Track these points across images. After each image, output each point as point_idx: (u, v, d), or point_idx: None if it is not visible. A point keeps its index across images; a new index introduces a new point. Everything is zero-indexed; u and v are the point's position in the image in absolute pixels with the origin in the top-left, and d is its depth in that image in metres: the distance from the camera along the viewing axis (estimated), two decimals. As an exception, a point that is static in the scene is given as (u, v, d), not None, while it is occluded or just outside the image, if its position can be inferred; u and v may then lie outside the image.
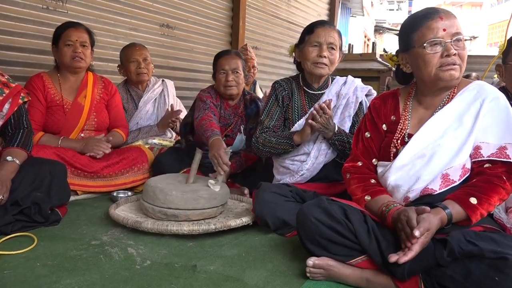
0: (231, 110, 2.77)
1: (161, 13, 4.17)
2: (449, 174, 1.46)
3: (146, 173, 2.68)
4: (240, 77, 2.68)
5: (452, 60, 1.44)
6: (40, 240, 1.75)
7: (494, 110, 1.46)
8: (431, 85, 1.53)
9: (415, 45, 1.50)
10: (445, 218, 1.33)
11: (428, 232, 1.28)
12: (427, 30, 1.47)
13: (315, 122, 2.04)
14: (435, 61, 1.46)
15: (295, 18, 6.37)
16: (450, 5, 35.67)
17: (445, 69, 1.45)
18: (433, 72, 1.48)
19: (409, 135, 1.55)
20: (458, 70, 1.47)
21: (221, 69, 2.67)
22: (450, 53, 1.44)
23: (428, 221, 1.28)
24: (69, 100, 2.57)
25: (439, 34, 1.45)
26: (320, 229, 1.45)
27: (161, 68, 4.15)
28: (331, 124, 2.07)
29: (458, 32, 1.45)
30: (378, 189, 1.55)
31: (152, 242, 1.82)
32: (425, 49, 1.46)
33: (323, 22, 2.24)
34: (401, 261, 1.26)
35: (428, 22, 1.47)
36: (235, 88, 2.68)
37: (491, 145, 1.43)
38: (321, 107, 2.03)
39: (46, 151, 2.30)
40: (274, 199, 1.95)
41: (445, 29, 1.45)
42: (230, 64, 2.66)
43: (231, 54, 2.72)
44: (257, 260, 1.67)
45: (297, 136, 2.13)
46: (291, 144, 2.14)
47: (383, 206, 1.45)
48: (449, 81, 1.48)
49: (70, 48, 2.50)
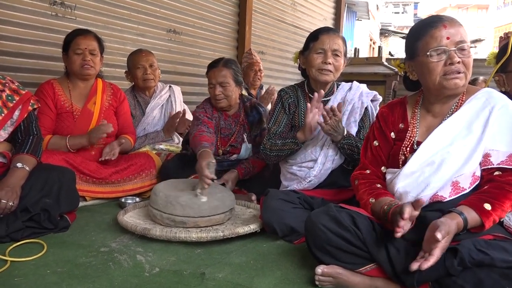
0: (231, 119, 2.75)
1: (168, 19, 4.20)
2: (459, 181, 1.45)
3: (154, 179, 2.69)
4: (229, 88, 2.61)
5: (456, 68, 1.44)
6: (49, 246, 1.76)
7: (503, 117, 1.45)
8: (437, 93, 1.53)
9: (420, 54, 1.51)
10: (461, 223, 1.32)
11: (448, 236, 1.26)
12: (431, 39, 1.47)
13: (324, 124, 2.04)
14: (439, 70, 1.46)
15: (301, 23, 6.39)
16: (456, 7, 35.57)
17: (449, 77, 1.45)
18: (437, 81, 1.48)
19: (418, 143, 1.55)
20: (463, 79, 1.46)
21: (209, 82, 2.65)
22: (453, 61, 1.43)
23: (448, 225, 1.27)
24: (78, 107, 2.60)
25: (443, 43, 1.45)
26: (329, 237, 1.45)
27: (168, 74, 4.17)
28: (340, 128, 2.08)
29: (462, 40, 1.45)
30: (382, 191, 1.56)
31: (161, 249, 1.82)
32: (428, 57, 1.47)
33: (327, 29, 2.25)
34: (423, 267, 1.23)
35: (432, 30, 1.48)
36: (224, 100, 2.64)
37: (500, 152, 1.43)
38: (332, 108, 2.03)
39: (55, 158, 2.32)
40: (282, 206, 1.95)
41: (449, 38, 1.45)
42: (217, 77, 2.60)
43: (218, 66, 2.62)
44: (266, 267, 1.67)
45: (300, 133, 2.13)
46: (296, 142, 2.14)
47: (384, 206, 1.45)
48: (454, 89, 1.48)
49: (79, 56, 2.52)
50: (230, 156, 2.73)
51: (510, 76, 1.85)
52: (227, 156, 2.73)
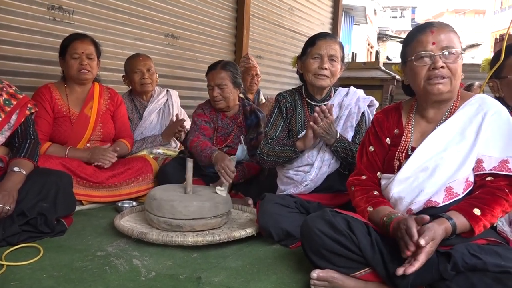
0: (228, 119, 2.80)
1: (165, 23, 4.22)
2: (452, 187, 1.46)
3: (151, 183, 2.70)
4: (226, 90, 2.68)
5: (439, 73, 1.47)
6: (46, 251, 1.77)
7: (496, 123, 1.47)
8: (424, 98, 1.56)
9: (408, 58, 1.54)
10: (450, 228, 1.33)
11: (433, 241, 1.28)
12: (417, 44, 1.51)
13: (316, 126, 2.05)
14: (423, 74, 1.49)
15: (298, 27, 6.41)
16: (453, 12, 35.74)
17: (433, 82, 1.48)
18: (422, 85, 1.51)
19: (412, 148, 1.57)
20: (447, 84, 1.48)
21: (208, 84, 2.74)
22: (436, 66, 1.46)
23: (433, 231, 1.28)
24: (75, 111, 2.61)
25: (428, 48, 1.48)
26: (324, 241, 1.46)
27: (166, 78, 4.18)
28: (332, 130, 2.09)
29: (448, 45, 1.47)
30: (380, 200, 1.56)
31: (157, 253, 1.83)
32: (413, 61, 1.51)
33: (324, 34, 2.26)
34: (408, 271, 1.25)
35: (419, 36, 1.52)
36: (222, 102, 2.71)
37: (493, 158, 1.44)
38: (322, 109, 2.05)
39: (52, 162, 2.32)
40: (278, 210, 1.96)
41: (435, 43, 1.48)
42: (215, 79, 2.68)
43: (217, 68, 2.71)
44: (261, 271, 1.68)
45: (300, 142, 2.15)
46: (295, 151, 2.15)
47: (384, 217, 1.46)
48: (437, 95, 1.50)
49: (76, 61, 2.54)
50: None
51: (504, 82, 1.86)
52: None
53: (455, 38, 1.50)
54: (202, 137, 2.63)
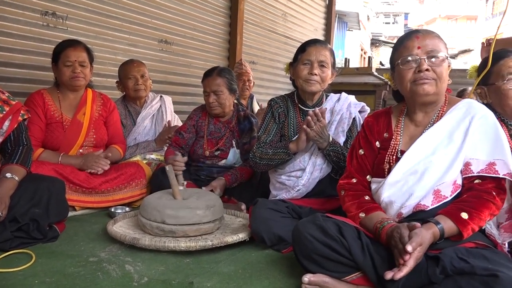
0: (221, 124, 2.83)
1: (159, 29, 4.23)
2: (440, 190, 1.49)
3: (144, 189, 2.70)
4: (222, 96, 2.72)
5: (424, 75, 1.51)
6: (38, 257, 1.76)
7: (482, 127, 1.50)
8: (412, 101, 1.60)
9: (395, 63, 1.59)
10: (438, 233, 1.35)
11: (421, 246, 1.29)
12: (404, 48, 1.57)
13: (309, 129, 2.07)
14: (410, 76, 1.54)
15: (292, 33, 6.45)
16: (445, 18, 36.07)
17: (418, 83, 1.52)
18: (408, 87, 1.55)
19: (402, 152, 1.59)
20: (433, 85, 1.52)
21: (204, 90, 2.78)
22: (422, 68, 1.51)
23: (420, 236, 1.30)
24: (68, 117, 2.61)
25: (414, 52, 1.53)
26: (315, 246, 1.48)
27: (160, 83, 4.19)
28: (325, 134, 2.11)
29: (433, 50, 1.52)
30: (372, 205, 1.58)
31: (150, 258, 1.83)
32: (400, 65, 1.55)
33: (315, 41, 2.29)
34: (396, 277, 1.27)
35: (405, 41, 1.58)
36: (218, 108, 2.75)
37: (480, 161, 1.47)
38: (315, 113, 2.07)
39: (45, 168, 2.32)
40: (270, 215, 1.97)
41: (420, 47, 1.53)
42: (211, 85, 2.72)
43: (213, 75, 2.75)
44: (254, 276, 1.69)
45: (292, 144, 2.17)
46: (287, 153, 2.17)
47: (377, 223, 1.48)
48: (424, 95, 1.54)
49: (69, 69, 2.54)
50: (218, 161, 2.76)
51: (491, 88, 1.88)
52: (215, 161, 2.77)
53: (440, 44, 1.54)
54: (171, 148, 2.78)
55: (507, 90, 1.81)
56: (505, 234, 1.55)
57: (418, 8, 38.61)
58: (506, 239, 1.54)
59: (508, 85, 1.81)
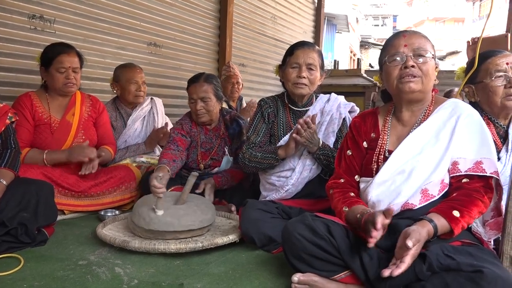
0: (212, 133, 2.79)
1: (148, 32, 4.22)
2: (428, 189, 1.51)
3: (134, 192, 2.70)
4: (210, 103, 2.67)
5: (410, 72, 1.53)
6: (26, 261, 1.75)
7: (469, 126, 1.52)
8: (398, 98, 1.63)
9: (383, 62, 1.62)
10: (432, 230, 1.36)
11: (418, 244, 1.30)
12: (391, 47, 1.60)
13: (299, 137, 2.08)
14: (396, 73, 1.57)
15: (281, 36, 6.48)
16: (433, 20, 36.46)
17: (404, 81, 1.55)
18: (395, 84, 1.58)
19: (389, 151, 1.61)
20: (419, 83, 1.55)
21: (190, 98, 2.70)
22: (407, 64, 1.53)
23: (418, 233, 1.31)
24: (57, 119, 2.59)
25: (400, 49, 1.56)
26: (304, 245, 1.49)
27: (149, 86, 4.13)
28: (315, 139, 2.12)
29: (420, 47, 1.55)
30: (355, 200, 1.60)
31: (140, 261, 1.83)
32: (387, 63, 1.59)
33: (302, 43, 2.31)
34: (394, 273, 1.26)
35: (392, 40, 1.61)
36: (205, 115, 2.70)
37: (467, 160, 1.49)
38: (305, 121, 2.08)
39: (33, 171, 2.30)
40: (260, 216, 1.98)
41: (406, 45, 1.56)
42: (198, 92, 2.65)
43: (199, 81, 2.68)
44: (244, 277, 1.69)
45: (281, 150, 2.18)
46: (276, 158, 2.19)
47: (357, 214, 1.49)
48: (409, 93, 1.56)
49: (62, 75, 2.52)
50: (211, 169, 2.75)
51: (479, 86, 1.92)
52: (208, 170, 2.75)
53: (426, 43, 1.57)
54: (173, 148, 2.59)
55: (495, 87, 1.85)
56: (491, 232, 1.57)
57: (406, 10, 38.98)
58: (492, 237, 1.57)
59: (496, 82, 1.85)
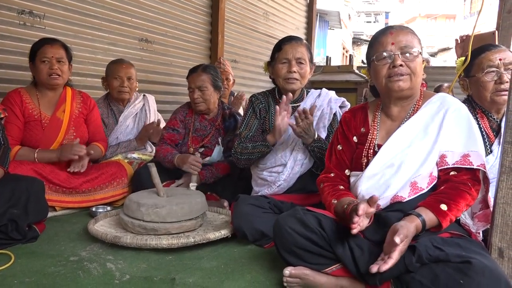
0: (207, 122, 2.85)
1: (139, 28, 4.20)
2: (417, 182, 1.52)
3: (126, 188, 2.69)
4: (207, 93, 2.75)
5: (399, 71, 1.54)
6: (17, 257, 1.74)
7: (456, 120, 1.54)
8: (387, 96, 1.63)
9: (371, 60, 1.62)
10: (420, 225, 1.38)
11: (406, 239, 1.31)
12: (378, 45, 1.60)
13: (296, 126, 2.09)
14: (384, 72, 1.57)
15: (273, 32, 6.47)
16: (425, 17, 36.63)
17: (393, 80, 1.56)
18: (384, 82, 1.58)
19: (379, 146, 1.62)
20: (407, 81, 1.56)
21: (189, 86, 2.80)
22: (395, 64, 1.54)
23: (406, 229, 1.32)
24: (47, 115, 2.57)
25: (388, 48, 1.56)
26: (296, 239, 1.49)
27: (140, 82, 4.13)
28: (311, 131, 2.13)
29: (407, 45, 1.55)
30: (344, 192, 1.62)
31: (132, 256, 1.83)
32: (375, 61, 1.59)
33: (290, 38, 2.32)
34: (382, 269, 1.27)
35: (380, 37, 1.61)
36: (202, 104, 2.77)
37: (455, 153, 1.51)
38: (304, 110, 2.08)
39: (24, 168, 2.29)
40: (252, 211, 1.99)
41: (394, 43, 1.56)
42: (195, 81, 2.75)
43: (197, 71, 2.78)
44: (236, 271, 1.70)
45: (270, 136, 2.19)
46: (266, 145, 2.19)
47: (344, 205, 1.50)
48: (398, 91, 1.57)
49: (46, 65, 2.50)
50: (202, 158, 2.76)
51: (472, 80, 1.95)
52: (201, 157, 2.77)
53: (413, 39, 1.57)
54: (165, 145, 2.73)
55: (486, 82, 1.88)
56: (479, 223, 1.59)
57: (398, 7, 39.10)
58: (480, 228, 1.59)
59: (487, 77, 1.88)
